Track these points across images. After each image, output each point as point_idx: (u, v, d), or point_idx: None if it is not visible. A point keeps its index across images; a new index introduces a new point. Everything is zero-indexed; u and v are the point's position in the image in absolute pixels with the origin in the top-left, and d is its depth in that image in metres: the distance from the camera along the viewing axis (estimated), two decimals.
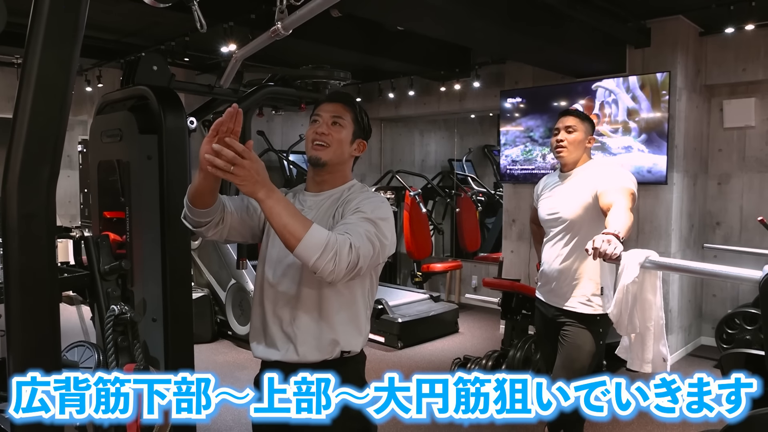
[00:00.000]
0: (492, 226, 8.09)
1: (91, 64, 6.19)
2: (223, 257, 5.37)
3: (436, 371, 4.58)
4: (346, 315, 1.68)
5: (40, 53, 1.13)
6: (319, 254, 1.44)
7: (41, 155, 1.16)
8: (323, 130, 1.69)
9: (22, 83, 1.14)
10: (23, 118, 1.14)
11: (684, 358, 5.03)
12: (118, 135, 2.57)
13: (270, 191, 1.43)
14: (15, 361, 1.18)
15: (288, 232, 1.44)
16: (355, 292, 1.69)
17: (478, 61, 6.01)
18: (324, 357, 1.65)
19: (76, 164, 7.35)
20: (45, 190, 1.16)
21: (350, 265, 1.48)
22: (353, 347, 1.70)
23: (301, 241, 1.44)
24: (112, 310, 2.22)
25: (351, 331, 1.69)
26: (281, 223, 1.44)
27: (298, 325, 1.66)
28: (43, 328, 1.21)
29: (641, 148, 4.76)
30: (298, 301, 1.66)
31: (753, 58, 4.82)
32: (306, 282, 1.65)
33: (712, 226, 5.34)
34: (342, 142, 1.70)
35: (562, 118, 2.64)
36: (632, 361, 2.19)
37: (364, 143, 1.77)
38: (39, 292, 1.19)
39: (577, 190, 2.56)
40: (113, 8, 4.30)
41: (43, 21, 1.13)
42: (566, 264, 2.57)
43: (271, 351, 1.69)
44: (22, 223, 1.13)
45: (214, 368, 4.65)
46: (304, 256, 1.45)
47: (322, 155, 1.68)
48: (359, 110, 1.76)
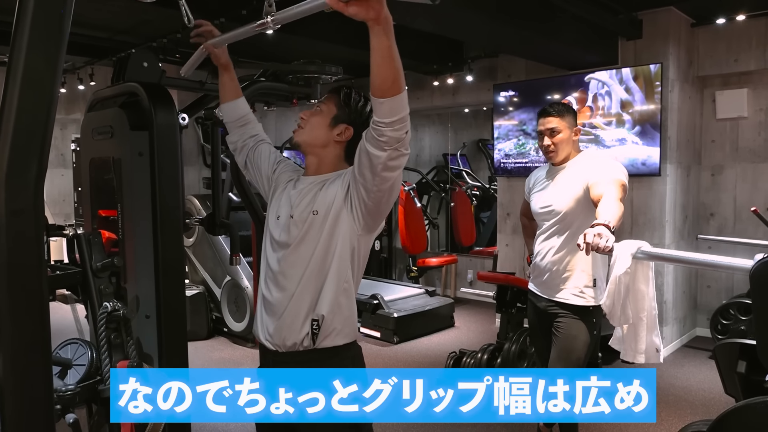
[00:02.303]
0: (487, 220, 8.10)
1: (83, 62, 6.16)
2: (218, 254, 5.36)
3: (432, 366, 4.60)
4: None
5: (26, 48, 1.12)
6: (406, 113, 1.47)
7: (29, 151, 1.15)
8: (303, 114, 1.78)
9: (8, 79, 1.14)
10: (9, 115, 1.14)
11: (679, 349, 5.06)
12: (109, 132, 2.56)
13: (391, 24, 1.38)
14: (5, 358, 1.18)
15: (398, 68, 1.42)
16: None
17: (470, 55, 6.01)
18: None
19: (70, 163, 7.32)
20: (33, 187, 1.15)
21: (403, 143, 1.51)
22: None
23: (402, 92, 1.44)
24: (104, 307, 2.22)
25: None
26: (397, 55, 1.41)
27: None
28: (33, 325, 1.20)
29: (635, 140, 4.77)
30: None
31: (745, 48, 4.83)
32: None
33: (706, 218, 5.36)
34: (315, 125, 1.74)
35: (543, 120, 2.63)
36: (625, 352, 2.20)
37: (350, 130, 1.74)
38: (28, 288, 1.18)
39: (568, 183, 2.57)
40: (104, 6, 4.28)
41: (29, 15, 1.12)
42: (559, 256, 2.58)
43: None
44: (10, 220, 1.12)
45: (210, 365, 4.66)
46: (397, 107, 1.45)
47: (296, 136, 1.77)
48: (345, 96, 1.75)
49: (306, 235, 1.67)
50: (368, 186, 1.58)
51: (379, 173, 1.55)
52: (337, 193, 1.66)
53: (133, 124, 2.47)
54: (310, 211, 1.67)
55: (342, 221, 1.65)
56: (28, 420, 1.22)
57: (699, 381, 4.28)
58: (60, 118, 6.95)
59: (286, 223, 1.72)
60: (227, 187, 4.63)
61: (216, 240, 5.33)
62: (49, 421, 1.26)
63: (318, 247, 1.65)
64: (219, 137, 3.04)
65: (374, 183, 1.57)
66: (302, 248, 1.67)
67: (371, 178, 1.56)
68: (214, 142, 3.18)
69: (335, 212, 1.66)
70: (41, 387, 1.23)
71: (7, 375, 1.17)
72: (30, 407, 1.21)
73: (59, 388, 2.07)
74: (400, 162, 1.55)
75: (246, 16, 4.09)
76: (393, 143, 1.50)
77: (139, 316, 2.44)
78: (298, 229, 1.68)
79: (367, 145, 1.54)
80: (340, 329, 1.68)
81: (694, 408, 3.80)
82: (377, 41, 1.38)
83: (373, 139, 1.51)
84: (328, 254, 1.66)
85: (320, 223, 1.66)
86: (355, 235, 1.67)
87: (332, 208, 1.66)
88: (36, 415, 1.23)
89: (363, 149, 1.55)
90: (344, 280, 1.68)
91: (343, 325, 1.69)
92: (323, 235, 1.65)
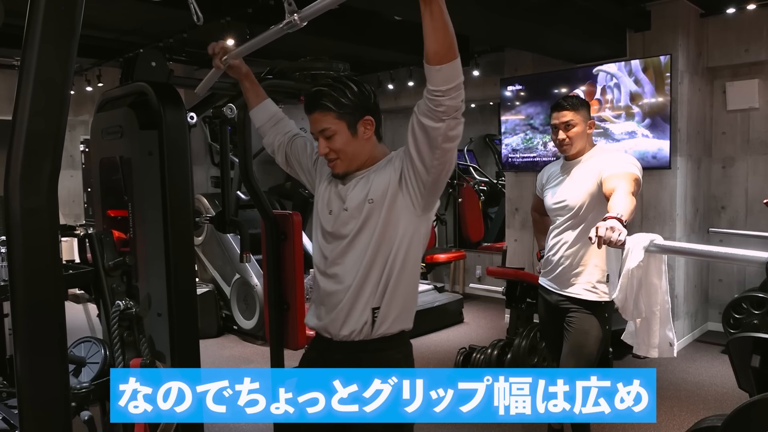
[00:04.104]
0: (495, 216, 8.08)
1: (91, 63, 6.19)
2: (227, 252, 5.38)
3: (442, 362, 4.60)
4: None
5: (38, 47, 1.13)
6: (462, 80, 1.47)
7: (42, 150, 1.16)
8: (322, 149, 1.67)
9: (20, 79, 1.14)
10: (23, 114, 1.15)
11: (691, 344, 5.03)
12: (118, 132, 2.57)
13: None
14: (22, 356, 1.19)
15: (452, 35, 1.41)
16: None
17: (477, 49, 5.99)
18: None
19: (79, 164, 7.36)
20: (47, 185, 1.15)
21: (460, 110, 1.50)
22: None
23: (457, 58, 1.43)
24: (117, 306, 2.23)
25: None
26: (449, 21, 1.39)
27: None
28: (49, 323, 1.21)
29: (645, 133, 4.74)
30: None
31: (755, 38, 4.78)
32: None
33: (717, 211, 5.32)
34: (345, 145, 1.65)
35: (557, 114, 2.60)
36: (638, 347, 2.18)
37: (370, 119, 1.67)
38: (44, 286, 1.19)
39: (582, 178, 2.55)
40: (111, 6, 4.29)
41: (41, 15, 1.13)
42: (572, 250, 2.57)
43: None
44: (25, 218, 1.13)
45: (221, 363, 4.67)
46: (452, 74, 1.44)
47: (339, 170, 1.69)
48: (334, 101, 1.63)
49: (364, 225, 1.63)
50: (426, 161, 1.55)
51: (440, 145, 1.51)
52: (390, 179, 1.62)
53: (143, 123, 2.47)
54: (366, 200, 1.63)
55: (398, 206, 1.62)
56: (45, 417, 1.22)
57: (711, 376, 4.26)
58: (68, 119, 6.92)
59: (340, 215, 1.68)
60: (235, 185, 4.64)
61: (225, 238, 5.35)
62: (66, 418, 1.27)
63: (375, 236, 1.62)
64: (228, 135, 3.04)
65: (434, 157, 1.54)
66: (360, 239, 1.64)
67: (430, 153, 1.53)
68: (222, 140, 3.19)
69: (391, 197, 1.61)
70: (58, 384, 1.23)
71: (24, 373, 1.18)
72: (47, 405, 1.22)
73: (74, 386, 2.08)
74: (458, 131, 1.52)
75: (252, 15, 4.09)
76: (451, 112, 1.48)
77: (151, 314, 2.45)
78: (356, 220, 1.64)
79: (423, 119, 1.50)
80: (397, 316, 1.66)
81: (706, 403, 3.77)
82: (429, 8, 1.37)
83: (429, 111, 1.48)
84: (385, 241, 1.62)
85: (377, 210, 1.62)
86: (413, 217, 1.64)
87: (388, 194, 1.62)
88: (53, 413, 1.24)
89: (418, 124, 1.51)
90: (404, 265, 1.65)
91: (400, 311, 1.67)
92: (380, 222, 1.62)
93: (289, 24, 1.57)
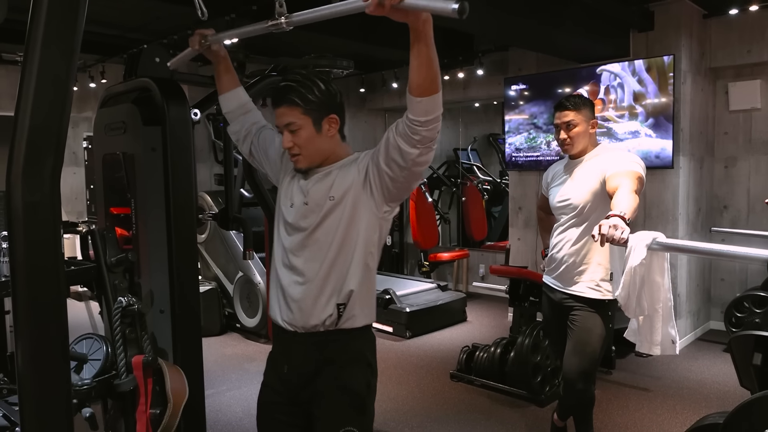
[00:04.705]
0: (498, 215, 8.08)
1: (94, 60, 6.19)
2: (230, 249, 5.38)
3: (445, 360, 4.59)
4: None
5: (41, 42, 1.13)
6: (440, 112, 1.51)
7: (45, 145, 1.16)
8: (286, 142, 1.69)
9: (23, 74, 1.14)
10: (26, 108, 1.15)
11: (693, 342, 5.02)
12: (122, 127, 2.57)
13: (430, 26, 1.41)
14: (23, 353, 1.19)
15: (435, 71, 1.45)
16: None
17: (481, 48, 5.97)
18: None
19: (82, 161, 7.36)
20: (50, 180, 1.15)
21: (435, 141, 1.56)
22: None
23: (439, 92, 1.48)
24: (119, 302, 2.23)
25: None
26: (435, 58, 1.44)
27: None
28: (51, 319, 1.21)
29: (648, 132, 4.73)
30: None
31: (758, 39, 4.77)
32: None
33: (719, 210, 5.31)
34: (308, 140, 1.68)
35: (559, 114, 2.61)
36: (641, 344, 2.18)
37: (335, 117, 1.70)
38: (46, 282, 1.19)
39: (586, 176, 2.55)
40: (115, 2, 4.30)
41: (44, 11, 1.13)
42: (576, 248, 2.56)
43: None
44: (27, 212, 1.13)
45: (223, 361, 4.68)
46: (432, 107, 1.48)
47: (301, 165, 1.73)
48: (301, 97, 1.65)
49: (324, 220, 1.67)
50: (395, 177, 1.61)
51: (410, 168, 1.59)
52: (354, 179, 1.67)
53: (146, 119, 2.47)
54: (327, 197, 1.67)
55: (361, 206, 1.66)
56: (47, 414, 1.22)
57: (713, 374, 4.25)
58: (71, 116, 6.94)
59: (300, 209, 1.71)
60: (239, 182, 4.64)
61: (228, 236, 5.35)
62: (67, 415, 1.27)
63: (338, 232, 1.66)
64: None
65: (402, 175, 1.61)
66: (320, 233, 1.67)
67: (399, 172, 1.60)
68: (226, 137, 3.19)
69: (354, 197, 1.66)
70: (59, 381, 1.23)
71: (25, 369, 1.18)
72: (48, 401, 1.22)
73: (75, 383, 2.08)
74: (428, 158, 1.60)
75: (256, 12, 4.09)
76: (426, 142, 1.54)
77: (154, 311, 2.46)
78: (315, 214, 1.68)
79: (399, 141, 1.55)
80: (361, 311, 1.70)
81: (708, 401, 3.77)
82: (417, 44, 1.41)
83: (406, 136, 1.53)
84: (349, 238, 1.66)
85: (338, 208, 1.66)
86: (376, 218, 1.68)
87: (350, 193, 1.66)
88: (54, 410, 1.23)
89: (393, 145, 1.57)
90: (367, 262, 1.70)
91: (363, 307, 1.71)
92: (343, 219, 1.66)
93: (275, 25, 1.59)
